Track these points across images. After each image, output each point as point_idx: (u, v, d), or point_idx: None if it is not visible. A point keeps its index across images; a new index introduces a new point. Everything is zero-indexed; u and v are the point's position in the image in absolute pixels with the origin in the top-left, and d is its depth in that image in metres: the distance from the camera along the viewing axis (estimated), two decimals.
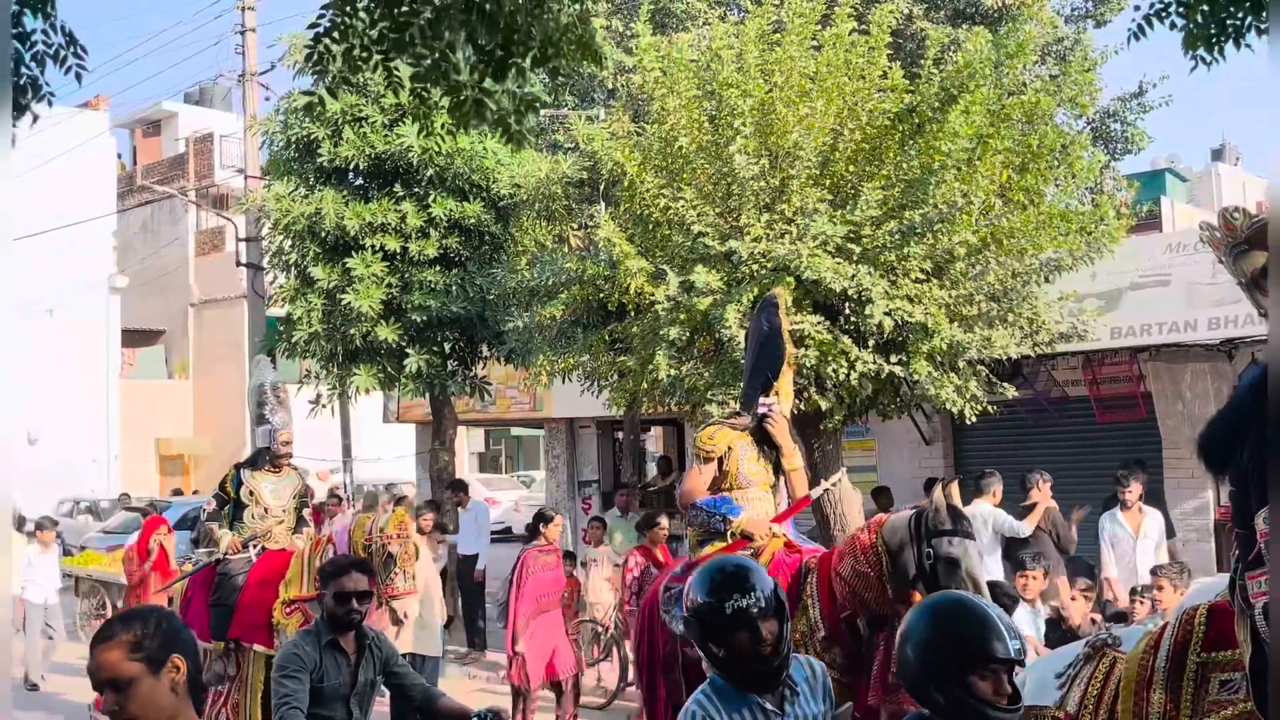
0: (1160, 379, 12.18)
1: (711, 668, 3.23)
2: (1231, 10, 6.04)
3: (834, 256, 9.16)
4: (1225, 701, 3.05)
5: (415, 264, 13.75)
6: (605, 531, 12.44)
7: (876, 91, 9.88)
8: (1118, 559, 9.60)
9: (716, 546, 5.98)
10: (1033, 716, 3.45)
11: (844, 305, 9.38)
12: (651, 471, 18.99)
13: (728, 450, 6.17)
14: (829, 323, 9.31)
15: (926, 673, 2.78)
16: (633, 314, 10.25)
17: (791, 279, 9.02)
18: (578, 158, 12.63)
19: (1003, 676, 2.74)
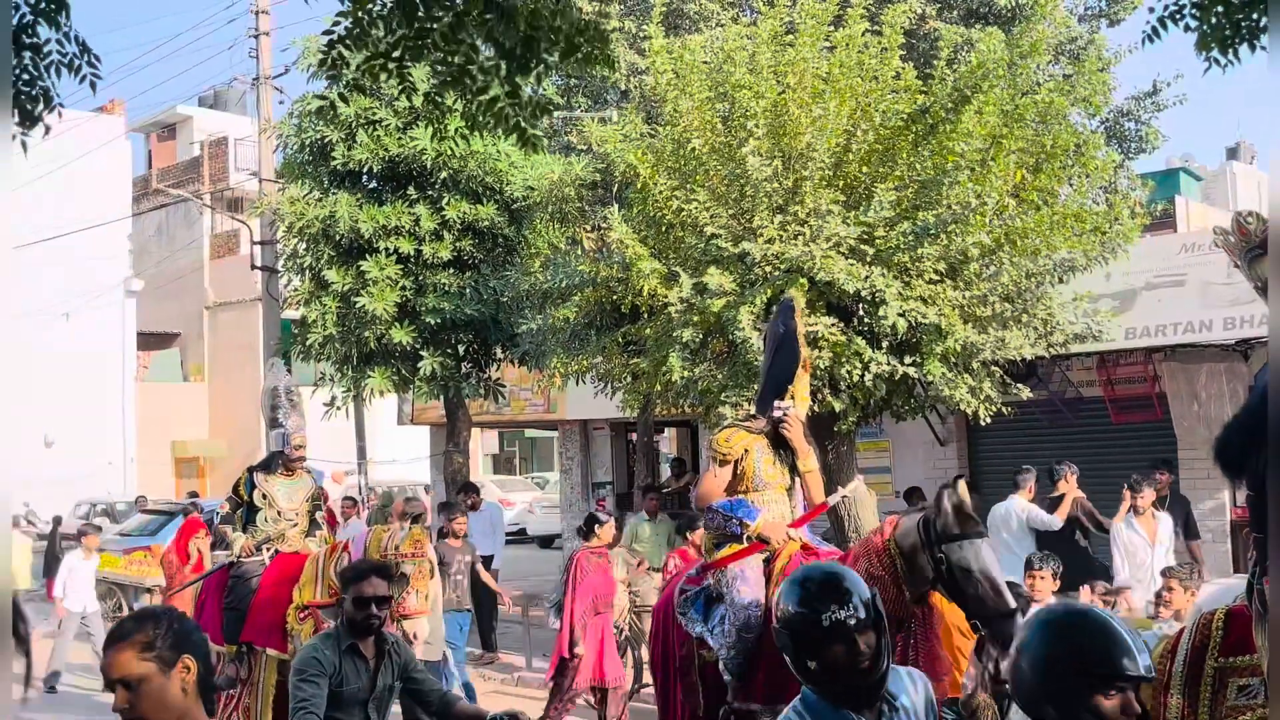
0: (1175, 379, 12.12)
1: (804, 682, 3.03)
2: (1246, 11, 6.01)
3: (847, 258, 9.15)
4: (1243, 707, 3.03)
5: (429, 267, 13.78)
6: (623, 533, 12.42)
7: (889, 92, 9.86)
8: (1136, 566, 9.59)
9: (733, 549, 5.97)
10: None
11: (858, 306, 9.37)
12: (665, 473, 18.99)
13: (744, 453, 6.16)
14: (843, 324, 9.30)
15: (1044, 691, 2.55)
16: (646, 316, 10.25)
17: (805, 280, 9.01)
18: (591, 160, 12.64)
19: (1130, 695, 2.52)
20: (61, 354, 28.84)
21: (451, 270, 13.87)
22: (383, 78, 5.59)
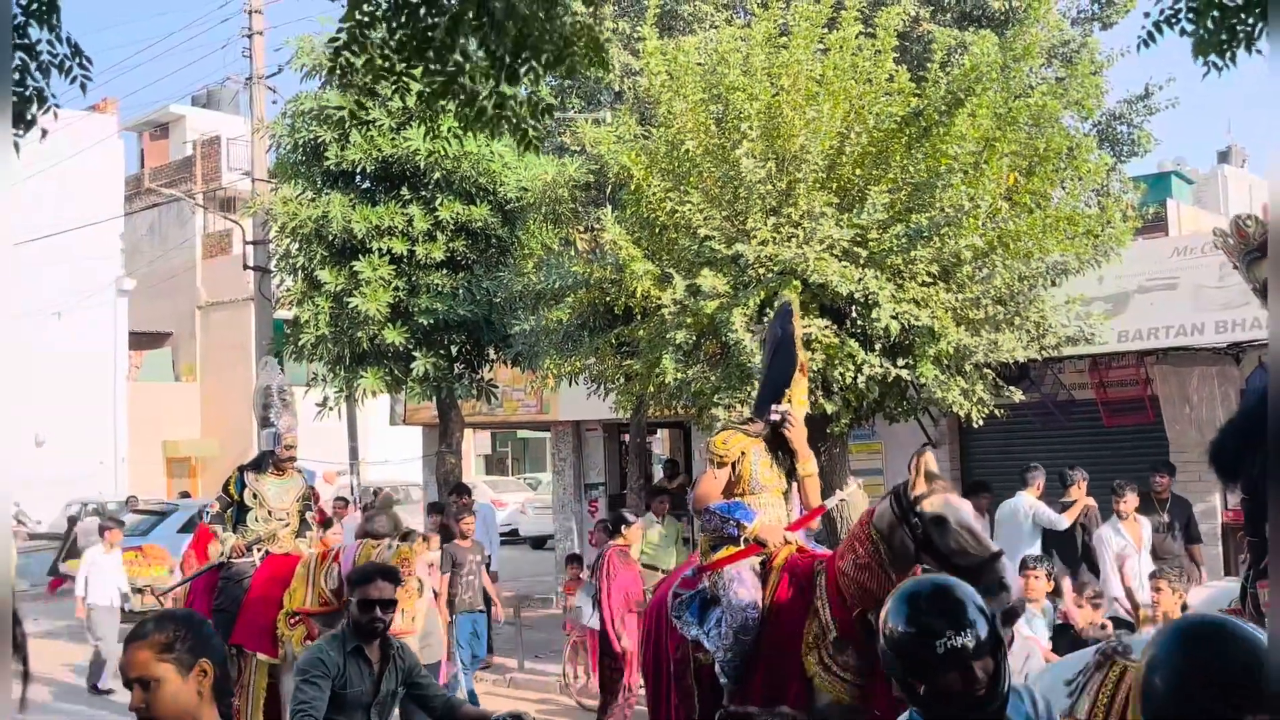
0: (1167, 382, 12.14)
1: (910, 705, 2.80)
2: (1242, 16, 6.02)
3: (840, 260, 9.16)
4: None
5: (422, 267, 13.76)
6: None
7: (883, 95, 9.87)
8: (1125, 572, 9.61)
9: (729, 551, 5.96)
10: None
11: (850, 309, 9.37)
12: (658, 475, 18.97)
13: (741, 455, 6.15)
14: (835, 326, 9.30)
15: (1181, 708, 2.35)
16: (639, 317, 10.24)
17: (798, 282, 9.02)
18: (584, 161, 12.63)
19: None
20: (53, 353, 28.74)
21: (445, 271, 13.86)
22: (386, 81, 5.57)
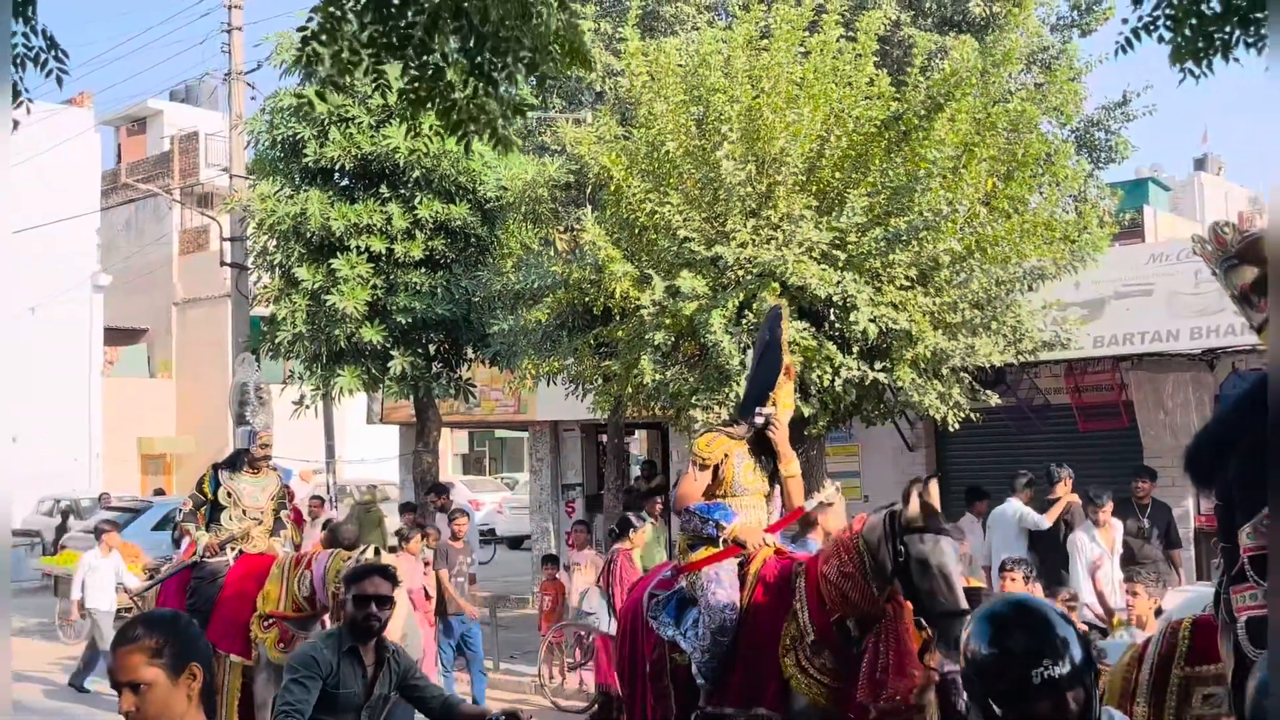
0: (1142, 388, 12.22)
1: None
2: (1219, 23, 6.06)
3: (819, 263, 9.18)
4: (1208, 716, 3.06)
5: (401, 265, 13.71)
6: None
7: (863, 98, 9.91)
8: (1098, 577, 9.64)
9: (707, 552, 5.97)
10: None
11: (829, 311, 9.40)
12: (635, 475, 18.96)
13: (724, 458, 6.16)
14: (814, 329, 9.33)
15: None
16: (618, 318, 10.24)
17: (777, 285, 9.04)
18: (564, 161, 12.62)
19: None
20: (27, 349, 28.52)
21: (423, 269, 13.82)
22: (357, 74, 5.55)
